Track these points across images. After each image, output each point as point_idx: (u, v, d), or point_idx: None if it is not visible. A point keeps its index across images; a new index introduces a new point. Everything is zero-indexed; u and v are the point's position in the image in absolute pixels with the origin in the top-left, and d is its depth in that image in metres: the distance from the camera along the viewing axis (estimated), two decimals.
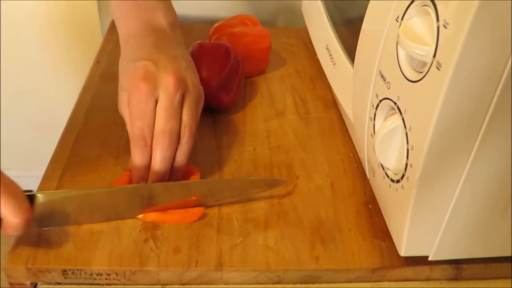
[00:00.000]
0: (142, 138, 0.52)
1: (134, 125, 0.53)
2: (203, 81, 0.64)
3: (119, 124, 0.62)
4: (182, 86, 0.54)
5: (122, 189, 0.53)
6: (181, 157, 0.54)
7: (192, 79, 0.56)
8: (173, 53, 0.57)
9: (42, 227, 0.50)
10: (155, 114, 0.53)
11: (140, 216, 0.52)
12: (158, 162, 0.53)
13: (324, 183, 0.59)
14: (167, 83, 0.53)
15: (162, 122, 0.52)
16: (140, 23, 0.59)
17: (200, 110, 0.58)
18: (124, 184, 0.55)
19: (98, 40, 0.88)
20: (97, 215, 0.52)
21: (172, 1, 0.65)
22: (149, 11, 0.60)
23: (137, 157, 0.53)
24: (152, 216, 0.52)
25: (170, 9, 0.62)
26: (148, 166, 0.53)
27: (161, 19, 0.60)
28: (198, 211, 0.53)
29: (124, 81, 0.55)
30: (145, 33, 0.58)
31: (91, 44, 0.63)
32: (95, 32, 1.06)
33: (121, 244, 0.50)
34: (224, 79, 0.66)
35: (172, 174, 0.55)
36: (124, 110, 0.55)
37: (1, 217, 0.44)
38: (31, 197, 0.48)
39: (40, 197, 0.49)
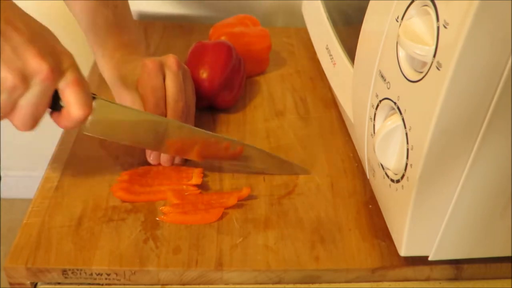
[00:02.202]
0: (160, 109, 0.58)
1: (151, 98, 0.58)
2: (205, 80, 0.65)
3: None
4: (181, 66, 0.62)
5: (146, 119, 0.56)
6: (191, 122, 0.62)
7: (186, 67, 0.64)
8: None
9: (89, 132, 0.52)
10: (164, 89, 0.59)
11: (161, 217, 0.53)
12: None
13: (324, 183, 0.59)
14: (170, 62, 0.60)
15: (174, 93, 0.59)
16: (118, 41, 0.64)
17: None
18: (122, 184, 0.55)
19: None
20: (130, 137, 0.55)
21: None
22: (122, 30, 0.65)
23: None
24: (172, 217, 0.53)
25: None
26: None
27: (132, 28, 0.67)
28: (218, 212, 0.53)
29: (130, 79, 0.60)
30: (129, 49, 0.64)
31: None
32: None
33: (121, 244, 0.50)
34: (226, 78, 0.66)
35: None
36: (150, 87, 0.59)
37: (67, 105, 0.47)
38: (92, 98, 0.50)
39: (99, 103, 0.51)
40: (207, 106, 0.68)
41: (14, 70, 0.43)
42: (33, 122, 0.47)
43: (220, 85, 0.66)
